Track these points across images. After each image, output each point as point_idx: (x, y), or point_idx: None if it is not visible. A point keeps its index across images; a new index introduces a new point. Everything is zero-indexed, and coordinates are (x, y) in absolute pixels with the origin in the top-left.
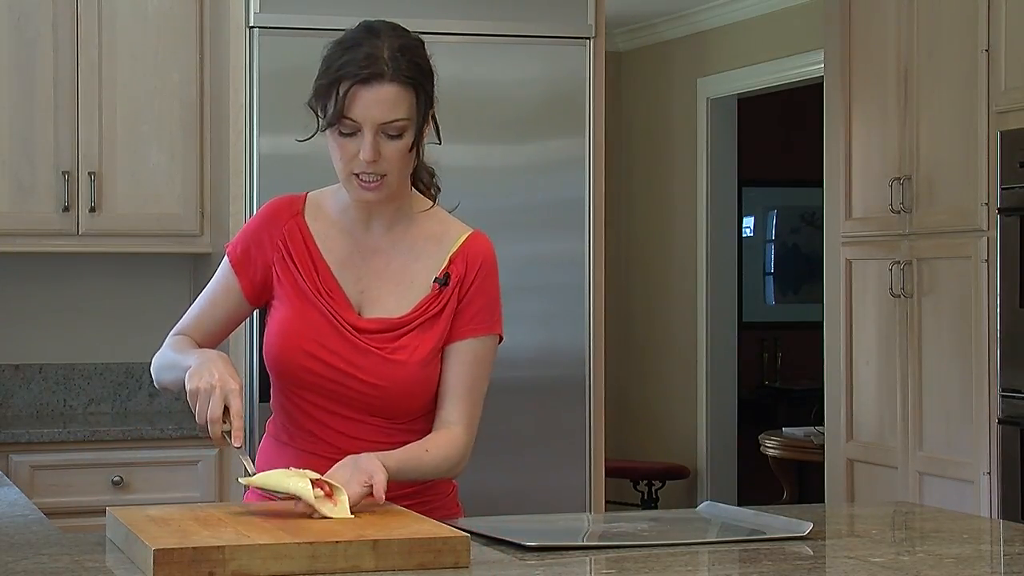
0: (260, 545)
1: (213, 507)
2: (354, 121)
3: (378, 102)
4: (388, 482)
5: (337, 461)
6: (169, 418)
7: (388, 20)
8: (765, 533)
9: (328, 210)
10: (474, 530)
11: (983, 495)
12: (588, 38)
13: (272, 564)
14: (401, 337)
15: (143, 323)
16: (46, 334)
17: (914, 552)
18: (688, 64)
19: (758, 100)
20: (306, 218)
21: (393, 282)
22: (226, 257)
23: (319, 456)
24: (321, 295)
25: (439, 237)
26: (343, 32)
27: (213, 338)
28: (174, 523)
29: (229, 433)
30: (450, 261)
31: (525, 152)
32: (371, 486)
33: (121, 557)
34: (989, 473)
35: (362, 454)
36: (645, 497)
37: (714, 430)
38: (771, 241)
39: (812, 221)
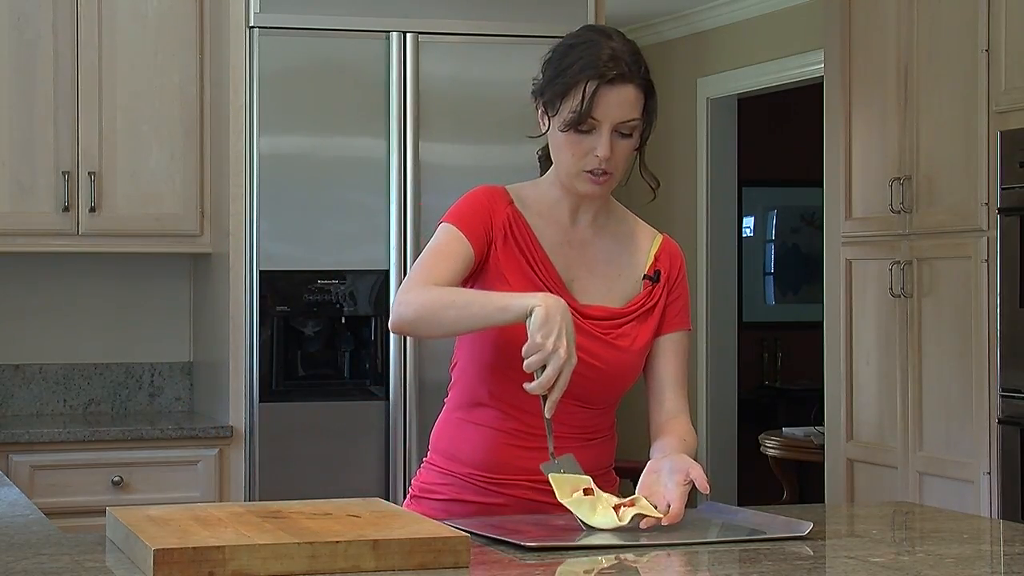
0: (260, 545)
1: (213, 507)
2: (595, 120)
3: (620, 102)
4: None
5: (530, 444)
6: (169, 418)
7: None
8: (765, 533)
9: (532, 202)
10: (474, 530)
11: (983, 495)
12: None
13: (272, 564)
14: (622, 326)
15: (143, 323)
16: (46, 334)
17: (914, 552)
18: (688, 64)
19: (758, 100)
20: (516, 205)
21: (600, 273)
22: (448, 225)
23: (510, 434)
24: (543, 279)
25: (637, 234)
26: (565, 38)
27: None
28: (174, 523)
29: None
30: (655, 259)
31: (525, 152)
32: (691, 481)
33: (121, 557)
34: (989, 473)
35: (666, 457)
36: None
37: (714, 430)
38: (771, 241)
39: (812, 221)
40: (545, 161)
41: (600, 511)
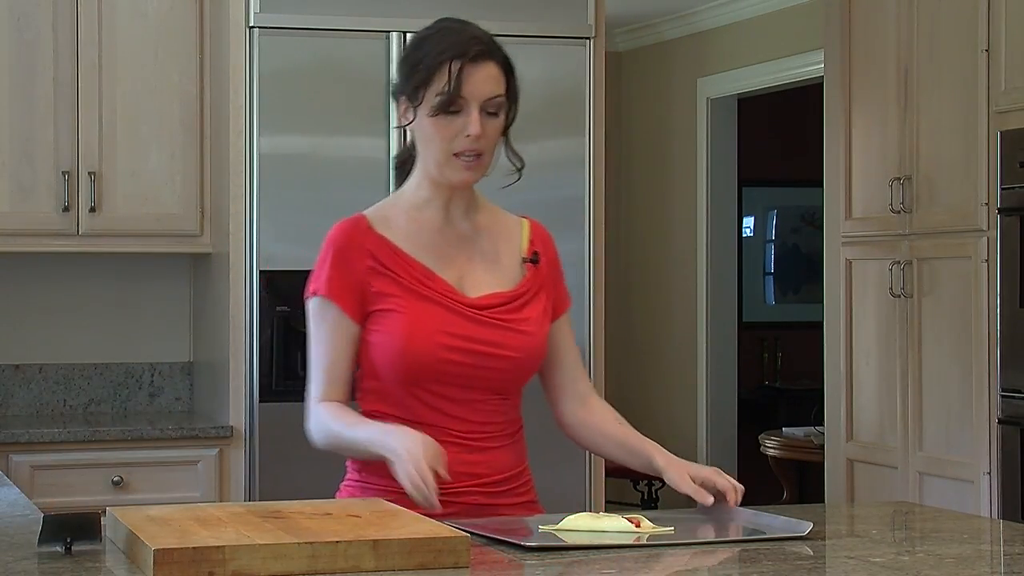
0: (260, 545)
1: (213, 507)
2: (463, 99)
3: (486, 79)
4: (492, 469)
5: (464, 450)
6: (169, 418)
7: None
8: (765, 533)
9: (397, 217)
10: (474, 530)
11: (983, 495)
12: (588, 38)
13: (272, 564)
14: (522, 308)
15: (143, 323)
16: (46, 334)
17: (914, 552)
18: (688, 64)
19: (758, 100)
20: (378, 230)
21: (486, 263)
22: (318, 297)
23: (443, 444)
24: (427, 286)
25: (505, 221)
26: (419, 32)
27: (350, 381)
28: (174, 523)
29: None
30: (531, 242)
31: (525, 152)
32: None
33: (121, 557)
34: (989, 473)
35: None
36: (645, 497)
37: (714, 430)
38: (771, 241)
39: (812, 221)
40: (400, 169)
41: (604, 521)
